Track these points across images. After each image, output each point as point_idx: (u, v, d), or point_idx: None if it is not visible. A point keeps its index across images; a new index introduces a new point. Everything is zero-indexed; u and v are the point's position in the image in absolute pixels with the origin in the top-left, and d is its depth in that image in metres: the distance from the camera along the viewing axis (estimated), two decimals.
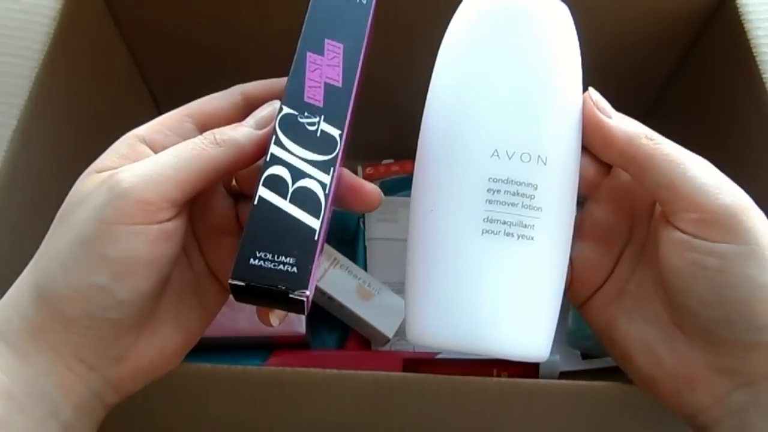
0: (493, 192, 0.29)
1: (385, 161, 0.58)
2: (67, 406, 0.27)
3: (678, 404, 0.30)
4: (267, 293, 0.26)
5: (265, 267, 0.25)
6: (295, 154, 0.27)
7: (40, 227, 0.28)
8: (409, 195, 0.32)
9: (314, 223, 0.26)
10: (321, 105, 0.28)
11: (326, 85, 0.28)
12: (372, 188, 0.30)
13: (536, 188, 0.29)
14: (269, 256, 0.26)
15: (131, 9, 0.48)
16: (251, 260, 0.26)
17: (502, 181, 0.29)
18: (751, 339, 0.28)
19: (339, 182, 0.30)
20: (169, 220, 0.27)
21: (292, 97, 0.28)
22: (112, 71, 0.50)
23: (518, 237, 0.29)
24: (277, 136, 0.27)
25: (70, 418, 0.27)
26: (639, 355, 0.31)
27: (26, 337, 0.26)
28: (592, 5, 0.31)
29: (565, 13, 0.31)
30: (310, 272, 0.26)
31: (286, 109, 0.28)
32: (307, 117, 0.28)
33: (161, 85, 0.55)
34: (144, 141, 0.29)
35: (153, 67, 0.53)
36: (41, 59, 0.38)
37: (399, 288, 0.49)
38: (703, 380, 0.29)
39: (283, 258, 0.26)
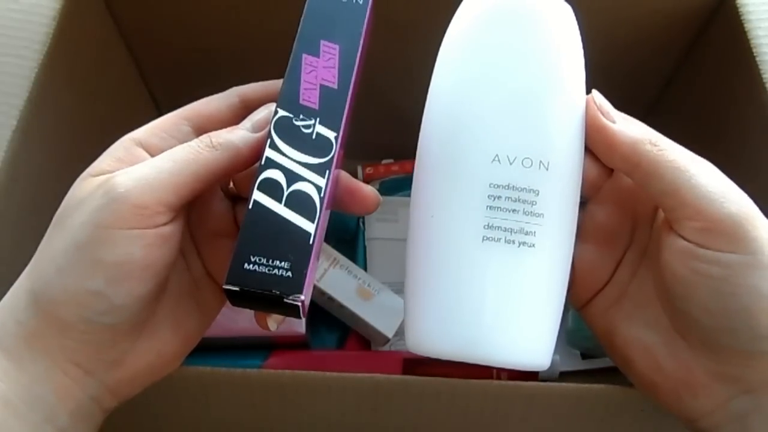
0: (494, 198, 0.28)
1: (385, 161, 0.58)
2: (63, 411, 0.27)
3: (678, 408, 0.30)
4: (262, 298, 0.25)
5: (259, 272, 0.25)
6: (290, 157, 0.27)
7: (40, 227, 0.28)
8: (409, 195, 0.31)
9: (309, 227, 0.26)
10: (316, 107, 0.28)
11: (322, 87, 0.28)
12: (370, 191, 0.30)
13: (538, 194, 0.28)
14: (264, 261, 0.25)
15: (131, 9, 0.48)
16: (246, 265, 0.25)
17: (503, 187, 0.28)
18: (753, 348, 0.28)
19: (336, 185, 0.29)
20: (165, 224, 0.26)
21: (288, 99, 0.28)
22: (112, 71, 0.50)
23: (519, 244, 0.28)
24: (272, 139, 0.27)
25: (67, 423, 0.27)
26: (639, 360, 0.31)
27: (21, 342, 0.26)
28: (591, 6, 0.31)
29: (568, 13, 0.30)
30: (305, 277, 0.25)
31: (281, 112, 0.28)
32: (302, 119, 0.27)
33: (161, 85, 0.55)
34: (140, 144, 0.28)
35: (153, 68, 0.53)
36: (41, 59, 0.38)
37: (399, 288, 0.49)
38: (704, 386, 0.29)
39: (278, 262, 0.25)
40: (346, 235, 0.54)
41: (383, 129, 0.52)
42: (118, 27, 0.49)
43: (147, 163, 0.27)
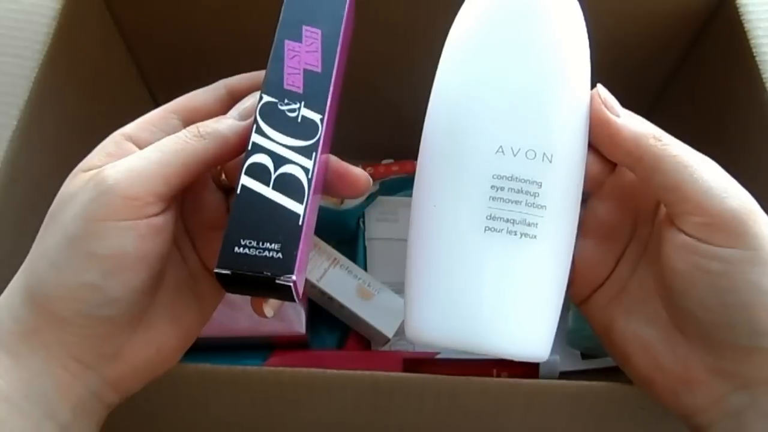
0: (497, 189, 0.28)
1: (385, 161, 0.58)
2: (64, 407, 0.27)
3: (675, 405, 0.30)
4: (253, 281, 0.26)
5: (250, 254, 0.25)
6: (276, 141, 0.27)
7: (40, 227, 0.28)
8: (408, 195, 0.31)
9: (298, 208, 0.26)
10: (301, 91, 0.28)
11: (305, 71, 0.28)
12: (359, 172, 0.30)
13: (541, 186, 0.28)
14: (254, 243, 0.25)
15: (131, 9, 0.48)
16: (236, 248, 0.25)
17: (506, 179, 0.28)
18: (751, 344, 0.28)
19: (326, 169, 0.30)
20: (157, 214, 0.27)
21: (272, 85, 0.28)
22: (112, 71, 0.50)
23: (521, 235, 0.28)
24: (257, 125, 0.27)
25: (68, 419, 0.27)
26: (637, 355, 0.31)
27: (20, 338, 0.26)
28: (592, 6, 0.31)
29: (574, 6, 0.30)
30: (296, 257, 0.25)
31: (266, 98, 0.28)
32: (287, 104, 0.28)
33: (161, 85, 0.55)
34: (130, 138, 0.29)
35: (153, 67, 0.53)
36: (41, 59, 0.38)
37: (399, 288, 0.49)
38: (702, 382, 0.29)
39: (268, 244, 0.25)
40: (346, 235, 0.54)
41: (383, 129, 0.52)
42: (118, 27, 0.49)
43: (135, 155, 0.27)
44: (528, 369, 0.46)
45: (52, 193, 0.28)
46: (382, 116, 0.51)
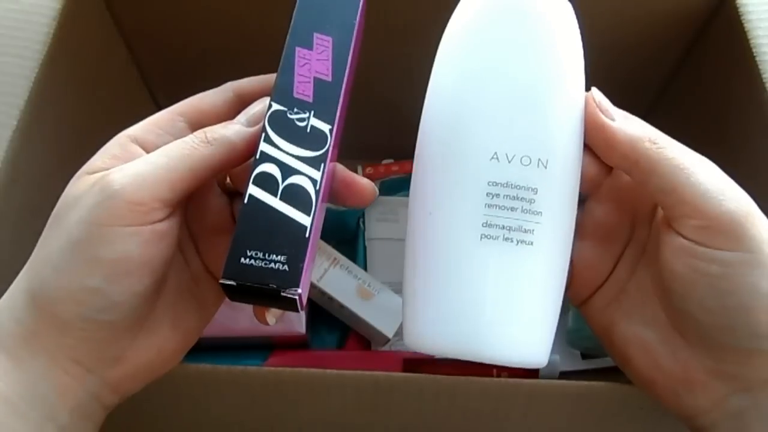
0: (492, 196, 0.28)
1: (385, 161, 0.58)
2: (63, 409, 0.27)
3: (676, 406, 0.30)
4: (259, 292, 0.25)
5: (255, 266, 0.25)
6: (285, 150, 0.27)
7: (40, 228, 0.28)
8: (408, 195, 0.31)
9: (305, 220, 0.26)
10: (311, 100, 0.28)
11: (316, 79, 0.28)
12: (366, 182, 0.30)
13: (536, 192, 0.28)
14: (260, 255, 0.25)
15: (131, 9, 0.48)
16: (242, 259, 0.25)
17: (502, 185, 0.28)
18: (751, 346, 0.27)
19: (332, 177, 0.29)
20: (161, 220, 0.26)
21: (282, 93, 0.28)
22: (112, 71, 0.50)
23: (517, 242, 0.28)
24: (266, 133, 0.27)
25: (67, 421, 0.27)
26: (637, 357, 0.31)
27: (21, 341, 0.26)
28: (591, 6, 0.31)
29: (567, 10, 0.30)
30: (302, 270, 0.25)
31: (275, 106, 0.28)
32: (296, 113, 0.27)
33: (161, 85, 0.55)
34: (136, 141, 0.28)
35: (153, 67, 0.53)
36: (41, 59, 0.38)
37: (399, 288, 0.49)
38: (702, 384, 0.29)
39: (274, 256, 0.25)
40: (346, 235, 0.54)
41: (383, 129, 0.52)
42: (118, 27, 0.49)
43: (142, 160, 0.27)
44: (528, 369, 0.46)
45: (53, 193, 0.28)
46: (382, 116, 0.51)
